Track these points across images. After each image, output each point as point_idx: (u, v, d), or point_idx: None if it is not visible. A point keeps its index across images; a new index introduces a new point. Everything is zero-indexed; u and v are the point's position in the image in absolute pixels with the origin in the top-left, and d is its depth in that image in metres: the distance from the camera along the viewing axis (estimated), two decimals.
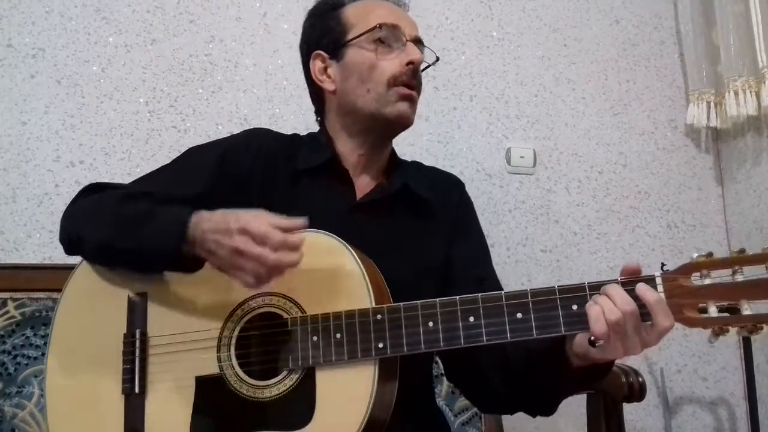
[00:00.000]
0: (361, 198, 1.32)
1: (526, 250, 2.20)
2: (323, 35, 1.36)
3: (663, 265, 1.05)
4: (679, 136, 2.38)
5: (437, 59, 1.40)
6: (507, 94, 2.27)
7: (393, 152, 1.42)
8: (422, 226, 1.34)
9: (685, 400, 2.23)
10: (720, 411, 2.24)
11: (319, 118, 1.44)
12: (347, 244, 1.13)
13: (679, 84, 2.40)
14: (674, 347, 2.22)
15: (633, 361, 2.11)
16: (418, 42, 1.34)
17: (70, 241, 1.26)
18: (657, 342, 1.01)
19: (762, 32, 2.09)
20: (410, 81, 1.30)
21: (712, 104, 2.28)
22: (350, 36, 1.32)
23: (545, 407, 1.22)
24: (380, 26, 1.30)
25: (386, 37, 1.30)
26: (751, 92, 2.15)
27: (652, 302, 0.98)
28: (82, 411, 1.21)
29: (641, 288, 0.99)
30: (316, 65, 1.36)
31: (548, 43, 2.33)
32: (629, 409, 1.91)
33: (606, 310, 0.98)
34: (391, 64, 1.29)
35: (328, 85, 1.35)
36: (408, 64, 1.29)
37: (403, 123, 1.33)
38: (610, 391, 1.58)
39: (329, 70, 1.35)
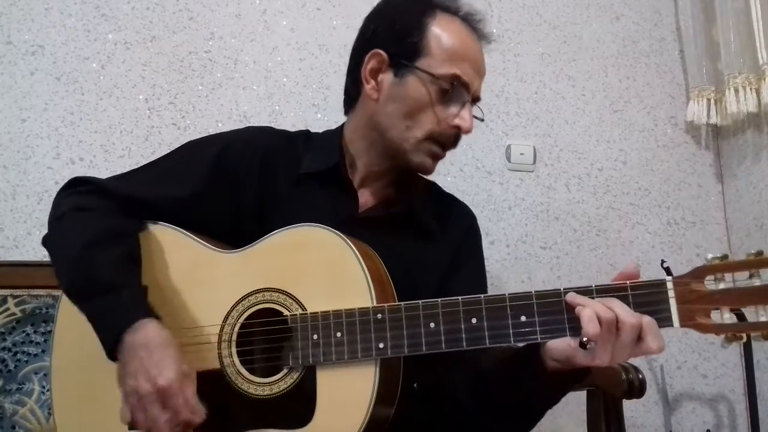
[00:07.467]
0: (362, 212, 1.30)
1: (526, 247, 2.20)
2: (396, 41, 1.26)
3: (663, 261, 1.03)
4: (680, 133, 2.37)
5: (482, 120, 1.32)
6: (507, 90, 2.26)
7: None
8: (422, 251, 1.30)
9: (685, 397, 2.22)
10: (720, 408, 2.24)
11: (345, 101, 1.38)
12: (347, 239, 1.12)
13: (680, 81, 2.40)
14: (674, 344, 2.22)
15: (632, 358, 2.13)
16: (477, 100, 1.29)
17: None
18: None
19: (762, 29, 2.08)
20: (448, 143, 1.27)
21: (712, 101, 2.27)
22: (421, 64, 1.23)
23: (517, 424, 1.17)
24: (454, 80, 1.23)
25: (453, 92, 1.23)
26: (751, 89, 2.14)
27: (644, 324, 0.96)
28: (89, 407, 1.21)
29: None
30: (371, 64, 1.28)
31: (548, 40, 2.32)
32: (629, 406, 1.91)
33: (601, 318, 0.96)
34: (441, 117, 1.24)
35: (370, 91, 1.28)
36: (455, 127, 1.25)
37: (422, 172, 1.31)
38: (610, 388, 1.57)
39: (381, 77, 1.27)
